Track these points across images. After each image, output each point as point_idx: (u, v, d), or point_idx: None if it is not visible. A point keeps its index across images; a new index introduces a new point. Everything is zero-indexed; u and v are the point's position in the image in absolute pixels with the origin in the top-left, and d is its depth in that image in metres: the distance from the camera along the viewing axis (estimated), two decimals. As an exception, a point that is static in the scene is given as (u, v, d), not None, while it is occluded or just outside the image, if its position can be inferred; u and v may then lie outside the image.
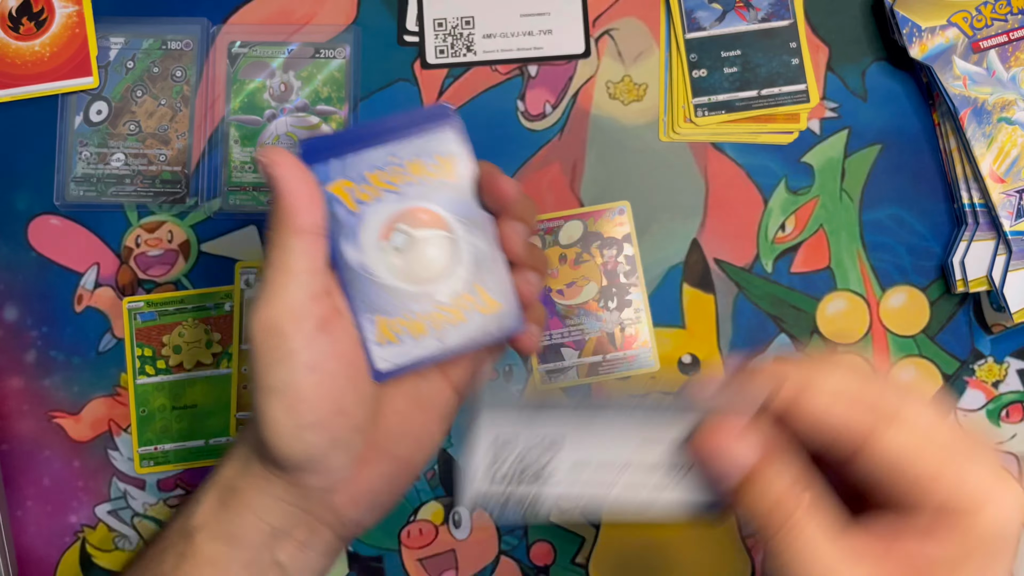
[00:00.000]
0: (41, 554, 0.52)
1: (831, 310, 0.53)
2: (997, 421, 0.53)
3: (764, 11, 0.54)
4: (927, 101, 0.54)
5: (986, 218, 0.52)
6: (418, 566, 0.52)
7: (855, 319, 0.53)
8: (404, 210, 0.38)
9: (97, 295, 0.53)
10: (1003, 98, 0.51)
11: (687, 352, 0.53)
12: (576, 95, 0.54)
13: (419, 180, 0.38)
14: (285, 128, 0.53)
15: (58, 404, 0.52)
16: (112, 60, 0.54)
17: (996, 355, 0.53)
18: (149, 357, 0.52)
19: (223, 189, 0.53)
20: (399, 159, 0.37)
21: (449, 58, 0.54)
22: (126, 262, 0.53)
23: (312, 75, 0.54)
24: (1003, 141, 0.51)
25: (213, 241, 0.53)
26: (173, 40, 0.54)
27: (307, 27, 0.54)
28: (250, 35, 0.54)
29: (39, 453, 0.52)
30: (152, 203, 0.53)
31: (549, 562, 0.52)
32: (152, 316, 0.52)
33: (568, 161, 0.54)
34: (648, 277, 0.53)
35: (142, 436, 0.52)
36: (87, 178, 0.53)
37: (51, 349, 0.52)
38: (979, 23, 0.52)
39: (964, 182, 0.52)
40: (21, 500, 0.52)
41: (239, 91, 0.54)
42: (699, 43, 0.54)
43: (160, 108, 0.54)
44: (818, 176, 0.54)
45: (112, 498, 0.52)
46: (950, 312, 0.54)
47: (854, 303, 0.53)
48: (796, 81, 0.53)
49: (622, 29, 0.55)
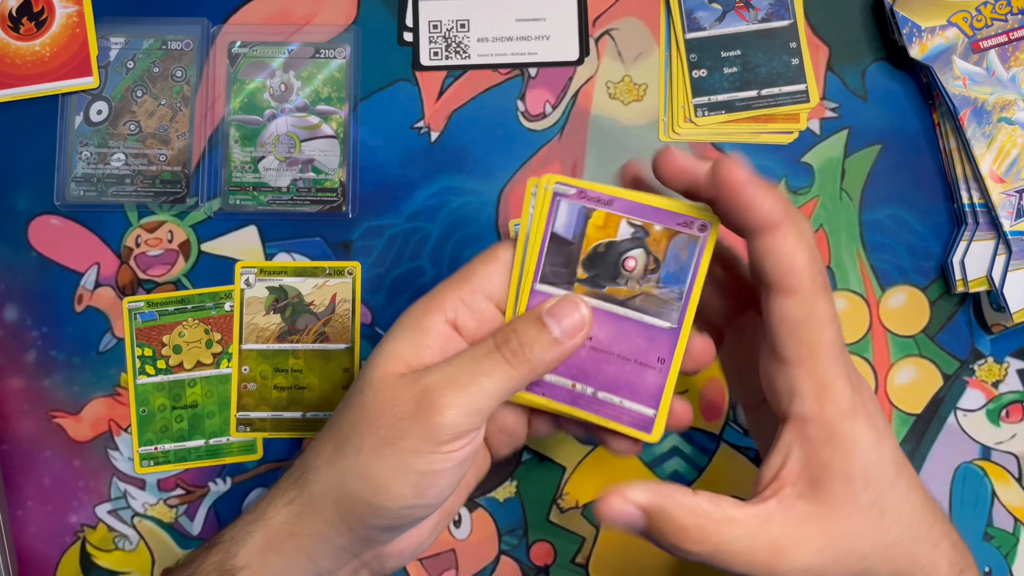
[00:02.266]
0: (41, 554, 0.52)
1: (831, 310, 0.53)
2: (997, 421, 0.53)
3: (764, 11, 0.54)
4: (927, 101, 0.54)
5: (986, 218, 0.52)
6: (418, 566, 0.52)
7: (855, 319, 0.53)
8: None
9: (97, 295, 0.53)
10: (1003, 98, 0.51)
11: (687, 352, 0.53)
12: (576, 95, 0.54)
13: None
14: (285, 128, 0.53)
15: (58, 404, 0.52)
16: (112, 60, 0.54)
17: (996, 355, 0.53)
18: (149, 357, 0.52)
19: (223, 189, 0.53)
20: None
21: (443, 60, 0.54)
22: (126, 262, 0.53)
23: (312, 75, 0.54)
24: (1003, 141, 0.51)
25: (213, 241, 0.53)
26: (173, 40, 0.54)
27: (307, 27, 0.54)
28: (250, 35, 0.54)
29: (39, 453, 0.52)
30: (152, 203, 0.53)
31: (549, 562, 0.52)
32: (152, 316, 0.52)
33: (568, 161, 0.54)
34: (648, 277, 0.53)
35: (142, 436, 0.52)
36: (87, 178, 0.53)
37: (51, 349, 0.52)
38: (979, 23, 0.52)
39: (964, 182, 0.52)
40: (21, 500, 0.52)
41: (239, 91, 0.54)
42: (699, 43, 0.54)
43: (160, 108, 0.54)
44: (818, 176, 0.54)
45: (112, 498, 0.52)
46: (950, 312, 0.54)
47: (854, 303, 0.53)
48: (796, 81, 0.53)
49: (622, 29, 0.55)
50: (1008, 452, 0.53)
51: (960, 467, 0.53)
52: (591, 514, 0.52)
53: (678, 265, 0.37)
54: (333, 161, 0.53)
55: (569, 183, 0.37)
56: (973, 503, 0.52)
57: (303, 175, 0.53)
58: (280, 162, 0.53)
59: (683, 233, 0.37)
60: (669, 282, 0.37)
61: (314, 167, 0.53)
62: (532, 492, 0.52)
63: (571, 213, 0.37)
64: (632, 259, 0.37)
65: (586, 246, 0.37)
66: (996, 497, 0.53)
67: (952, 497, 0.52)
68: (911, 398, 0.53)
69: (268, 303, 0.52)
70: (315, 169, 0.53)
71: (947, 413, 0.53)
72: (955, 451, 0.53)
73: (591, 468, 0.52)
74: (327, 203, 0.53)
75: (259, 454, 0.52)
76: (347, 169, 0.53)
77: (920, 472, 0.52)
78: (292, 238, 0.53)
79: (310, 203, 0.53)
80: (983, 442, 0.53)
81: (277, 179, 0.53)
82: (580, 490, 0.52)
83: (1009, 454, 0.53)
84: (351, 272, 0.53)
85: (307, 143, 0.53)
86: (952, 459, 0.53)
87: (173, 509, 0.52)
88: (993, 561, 0.52)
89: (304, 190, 0.53)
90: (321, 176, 0.53)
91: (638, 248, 0.37)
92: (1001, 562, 0.52)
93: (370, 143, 0.54)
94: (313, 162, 0.53)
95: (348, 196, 0.53)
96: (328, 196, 0.53)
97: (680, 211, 0.36)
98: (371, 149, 0.54)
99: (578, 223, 0.37)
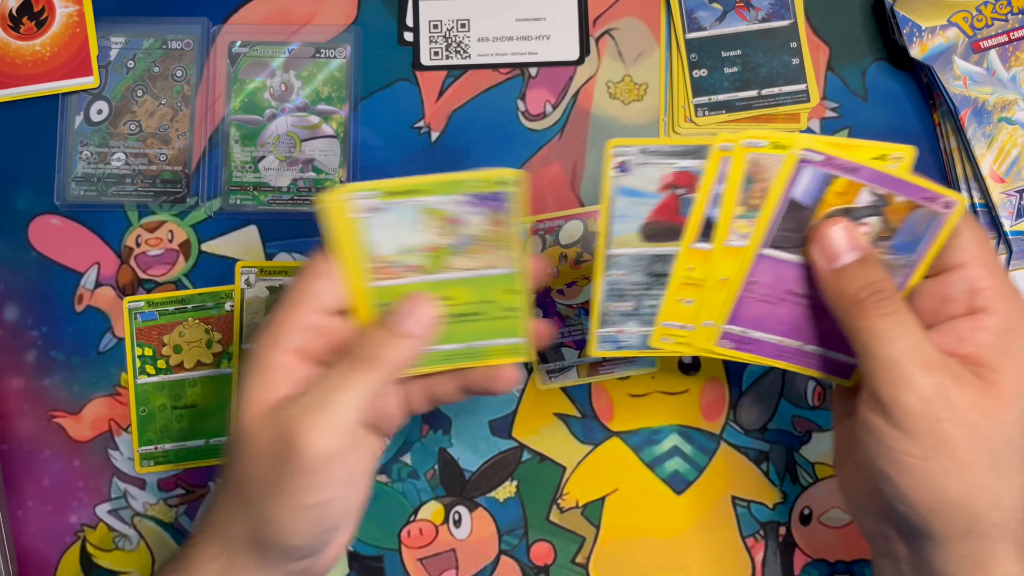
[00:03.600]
0: (41, 554, 0.52)
1: (831, 310, 0.53)
2: (997, 421, 0.53)
3: (764, 11, 0.54)
4: (927, 101, 0.54)
5: (986, 218, 0.52)
6: (418, 566, 0.52)
7: (855, 319, 0.53)
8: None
9: (97, 295, 0.53)
10: (1003, 98, 0.51)
11: (687, 352, 0.53)
12: (576, 95, 0.54)
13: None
14: (285, 128, 0.53)
15: (58, 404, 0.52)
16: (112, 60, 0.54)
17: (996, 355, 0.53)
18: (149, 357, 0.52)
19: (223, 189, 0.53)
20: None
21: (443, 60, 0.54)
22: (126, 262, 0.53)
23: (312, 75, 0.54)
24: (1003, 141, 0.51)
25: (213, 241, 0.53)
26: (173, 40, 0.54)
27: (307, 27, 0.54)
28: (250, 35, 0.54)
29: (39, 453, 0.52)
30: (152, 203, 0.53)
31: (549, 562, 0.52)
32: (152, 316, 0.52)
33: (568, 161, 0.54)
34: (648, 277, 0.53)
35: (142, 436, 0.52)
36: (87, 178, 0.53)
37: (51, 349, 0.52)
38: (979, 23, 0.52)
39: (964, 182, 0.52)
40: (21, 500, 0.52)
41: (239, 91, 0.54)
42: (699, 43, 0.54)
43: (160, 108, 0.54)
44: (818, 176, 0.54)
45: (112, 498, 0.52)
46: (950, 312, 0.54)
47: (854, 303, 0.53)
48: (796, 81, 0.53)
49: (622, 29, 0.55)
50: (1008, 452, 0.53)
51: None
52: (591, 514, 0.52)
53: (913, 235, 0.37)
54: (333, 161, 0.53)
55: (818, 149, 0.36)
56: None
57: (303, 175, 0.53)
58: (280, 162, 0.53)
59: (925, 207, 0.37)
60: (900, 250, 0.37)
61: (314, 167, 0.53)
62: (532, 492, 0.52)
63: (814, 179, 0.37)
64: (866, 224, 0.37)
65: (820, 211, 0.37)
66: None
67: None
68: (911, 398, 0.53)
69: (268, 303, 0.52)
70: (315, 169, 0.53)
71: (947, 413, 0.53)
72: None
73: (591, 468, 0.52)
74: (327, 203, 0.53)
75: (259, 454, 0.52)
76: (347, 169, 0.53)
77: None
78: (292, 238, 0.53)
79: (310, 203, 0.53)
80: (983, 442, 0.53)
81: (277, 179, 0.53)
82: (580, 490, 0.52)
83: (1009, 454, 0.53)
84: (351, 272, 0.53)
85: (307, 143, 0.53)
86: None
87: (173, 509, 0.52)
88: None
89: (304, 190, 0.53)
90: (321, 176, 0.53)
91: (875, 216, 0.37)
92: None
93: (370, 143, 0.54)
94: (313, 162, 0.53)
95: (348, 196, 0.53)
96: (328, 196, 0.53)
97: (927, 187, 0.36)
98: (371, 149, 0.54)
99: (819, 189, 0.37)
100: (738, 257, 0.39)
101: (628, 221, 0.38)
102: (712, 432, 0.53)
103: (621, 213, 0.38)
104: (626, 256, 0.39)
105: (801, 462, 0.52)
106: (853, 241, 0.37)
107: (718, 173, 0.37)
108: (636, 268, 0.39)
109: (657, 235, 0.38)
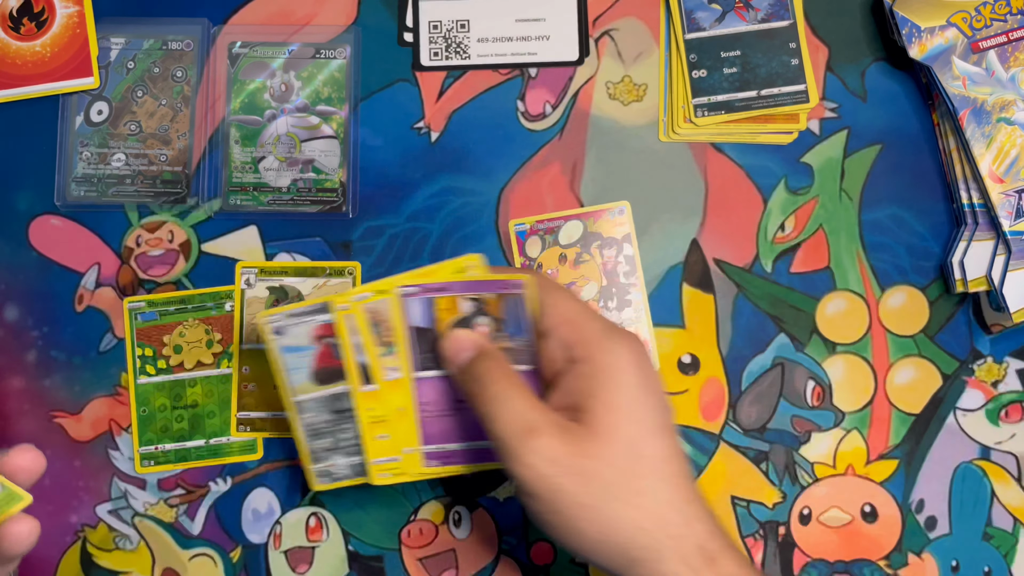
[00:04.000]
0: (42, 554, 0.52)
1: (830, 310, 0.53)
2: (996, 421, 0.53)
3: (764, 11, 0.54)
4: (926, 101, 0.54)
5: (985, 218, 0.52)
6: (418, 566, 0.52)
7: (854, 319, 0.53)
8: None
9: (98, 295, 0.53)
10: (1002, 98, 0.51)
11: (687, 352, 0.53)
12: (576, 95, 0.54)
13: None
14: (285, 128, 0.54)
15: (59, 404, 0.52)
16: (113, 60, 0.54)
17: (995, 355, 0.53)
18: (150, 357, 0.52)
19: (224, 189, 0.53)
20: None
21: (443, 60, 0.54)
22: (127, 262, 0.53)
23: (312, 75, 0.54)
24: (1002, 141, 0.51)
25: (214, 241, 0.53)
26: (174, 40, 0.54)
27: (307, 27, 0.54)
28: (250, 35, 0.54)
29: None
30: (153, 203, 0.53)
31: (549, 562, 0.52)
32: (153, 316, 0.52)
33: (568, 161, 0.54)
34: (648, 277, 0.53)
35: (142, 436, 0.52)
36: (88, 178, 0.53)
37: (52, 349, 0.52)
38: (978, 23, 0.52)
39: (963, 182, 0.52)
40: (22, 500, 0.52)
41: (239, 91, 0.54)
42: (699, 43, 0.54)
43: (161, 108, 0.54)
44: (817, 176, 0.54)
45: (113, 498, 0.52)
46: (949, 312, 0.54)
47: (853, 303, 0.54)
48: (796, 81, 0.54)
49: (622, 29, 0.55)
50: (1007, 452, 0.53)
51: (959, 467, 0.53)
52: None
53: (516, 319, 0.43)
54: (333, 161, 0.53)
55: (410, 283, 0.42)
56: (972, 503, 0.53)
57: (303, 175, 0.53)
58: (280, 162, 0.53)
59: (509, 294, 0.42)
60: (516, 333, 0.43)
61: (314, 167, 0.53)
62: (532, 492, 0.52)
63: (421, 307, 0.43)
64: (482, 326, 0.43)
65: (439, 328, 0.43)
66: (995, 497, 0.53)
67: (951, 497, 0.53)
68: (911, 398, 0.53)
69: (269, 303, 0.52)
70: (315, 169, 0.53)
71: (946, 413, 0.53)
72: (954, 451, 0.53)
73: (591, 468, 0.52)
74: (327, 203, 0.53)
75: (259, 454, 0.52)
76: (347, 169, 0.53)
77: (919, 472, 0.53)
78: (292, 238, 0.53)
79: (310, 203, 0.53)
80: (982, 442, 0.53)
81: (277, 179, 0.53)
82: (580, 490, 0.52)
83: (1008, 454, 0.53)
84: (351, 272, 0.53)
85: (307, 143, 0.53)
86: (951, 459, 0.53)
87: (174, 509, 0.52)
88: (993, 561, 0.52)
89: (304, 190, 0.53)
90: (321, 176, 0.53)
91: (482, 315, 0.43)
92: (1000, 562, 0.52)
93: (370, 143, 0.54)
94: (313, 162, 0.53)
95: (348, 196, 0.53)
96: (328, 196, 0.53)
97: (500, 278, 0.43)
98: (371, 149, 0.54)
99: (429, 312, 0.43)
100: (400, 388, 0.44)
101: (300, 372, 0.44)
102: (711, 432, 0.53)
103: (292, 367, 0.44)
104: (310, 400, 0.45)
105: (800, 462, 0.53)
106: (458, 344, 0.42)
107: (348, 327, 0.43)
108: (322, 408, 0.45)
109: (327, 378, 0.44)
